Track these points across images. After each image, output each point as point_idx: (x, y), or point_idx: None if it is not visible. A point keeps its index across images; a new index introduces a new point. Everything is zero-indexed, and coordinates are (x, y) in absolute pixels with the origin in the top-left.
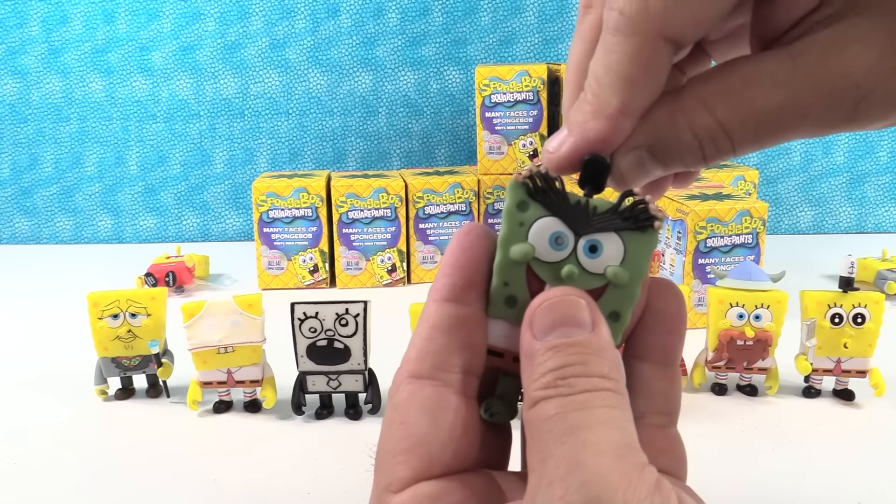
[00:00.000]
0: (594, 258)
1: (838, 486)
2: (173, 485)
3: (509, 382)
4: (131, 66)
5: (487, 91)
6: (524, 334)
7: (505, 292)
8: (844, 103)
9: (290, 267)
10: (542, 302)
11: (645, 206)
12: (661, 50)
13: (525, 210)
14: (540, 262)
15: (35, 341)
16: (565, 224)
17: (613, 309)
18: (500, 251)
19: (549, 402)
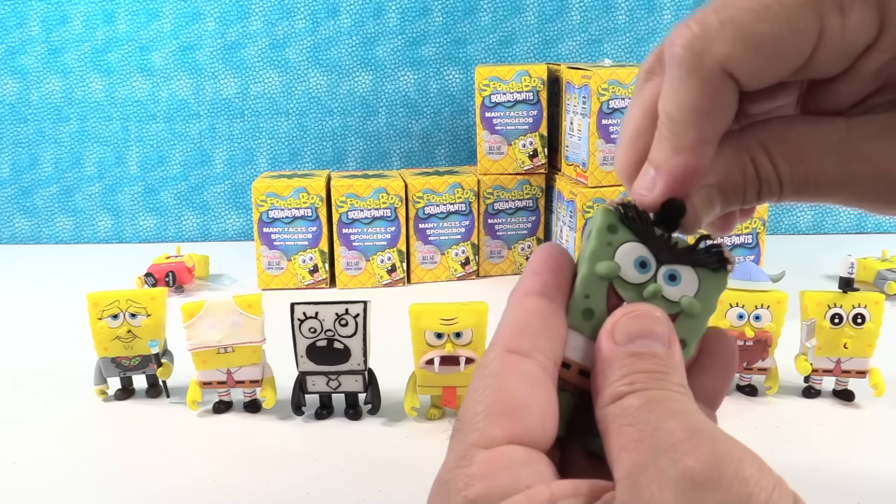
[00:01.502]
0: (673, 286)
1: (838, 486)
2: (173, 485)
3: (567, 398)
4: (131, 66)
5: (487, 91)
6: (603, 342)
7: (584, 304)
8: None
9: (289, 267)
10: (627, 312)
11: (720, 249)
12: (727, 83)
13: (614, 233)
14: (623, 282)
15: (35, 341)
16: (650, 251)
17: (682, 337)
18: (587, 265)
19: (633, 396)
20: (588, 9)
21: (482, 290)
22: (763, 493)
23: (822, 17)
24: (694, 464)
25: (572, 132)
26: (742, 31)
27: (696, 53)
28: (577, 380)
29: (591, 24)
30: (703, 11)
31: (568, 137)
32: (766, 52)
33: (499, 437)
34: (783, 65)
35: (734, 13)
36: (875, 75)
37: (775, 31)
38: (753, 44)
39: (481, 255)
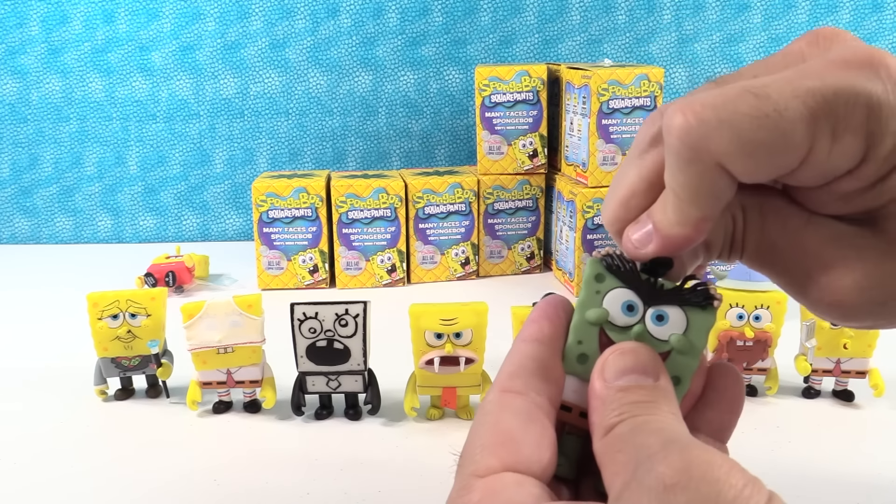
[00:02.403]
0: (661, 326)
1: (838, 486)
2: (173, 485)
3: (573, 440)
4: (131, 66)
5: (487, 91)
6: (595, 382)
7: (578, 349)
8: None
9: (289, 267)
10: (614, 351)
11: (706, 287)
12: (725, 175)
13: (602, 281)
14: (612, 326)
15: (35, 341)
16: (637, 295)
17: (675, 374)
18: (578, 313)
19: (623, 424)
20: (588, 9)
21: (482, 290)
22: (731, 490)
23: (814, 137)
24: (665, 470)
25: (572, 132)
26: (739, 136)
27: (692, 147)
28: (579, 422)
29: (591, 24)
30: (703, 103)
31: (568, 137)
32: (759, 158)
33: (495, 466)
34: (771, 172)
35: (733, 116)
36: (845, 196)
37: (771, 142)
38: (748, 150)
39: (481, 255)
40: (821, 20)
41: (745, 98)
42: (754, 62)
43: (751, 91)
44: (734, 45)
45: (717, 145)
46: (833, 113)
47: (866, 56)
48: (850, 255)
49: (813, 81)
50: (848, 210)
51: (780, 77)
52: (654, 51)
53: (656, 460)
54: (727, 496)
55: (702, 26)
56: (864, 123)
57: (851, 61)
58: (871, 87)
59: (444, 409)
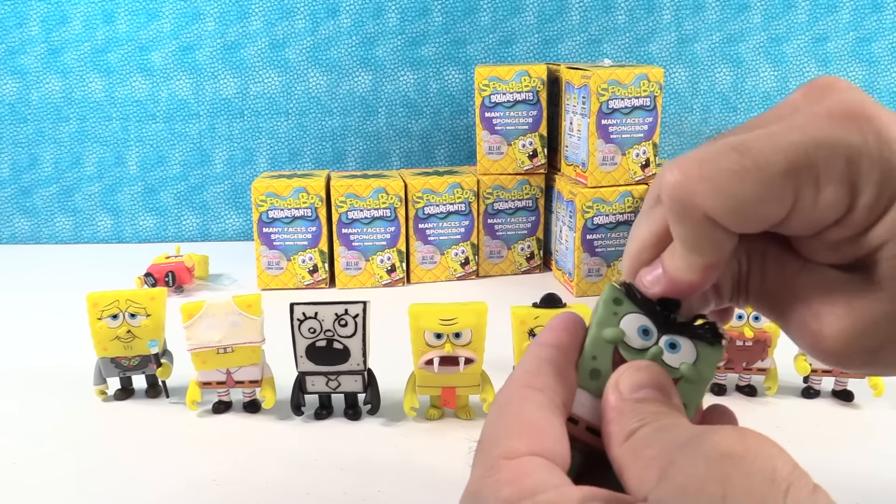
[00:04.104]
0: (673, 353)
1: (838, 487)
2: (173, 485)
3: (575, 456)
4: (131, 66)
5: (487, 91)
6: (610, 395)
7: (592, 365)
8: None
9: (289, 267)
10: (630, 367)
11: (714, 326)
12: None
13: (619, 304)
14: (627, 346)
15: (34, 341)
16: (652, 322)
17: (683, 401)
18: (595, 330)
19: (645, 427)
20: (588, 9)
21: (482, 290)
22: (785, 469)
23: (798, 189)
24: (721, 440)
25: (572, 132)
26: (721, 190)
27: (680, 202)
28: (585, 436)
29: (591, 24)
30: (689, 159)
31: (567, 137)
32: (744, 210)
33: (522, 449)
34: (758, 223)
35: (715, 172)
36: (835, 245)
37: (753, 193)
38: (731, 204)
39: (481, 255)
40: (821, 20)
41: (727, 154)
42: (755, 117)
43: (733, 147)
44: (734, 45)
45: (702, 199)
46: (814, 166)
47: (851, 108)
48: (839, 303)
49: (795, 135)
50: (838, 258)
51: (763, 132)
52: (653, 51)
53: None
54: (782, 472)
55: (702, 26)
56: (845, 174)
57: (835, 114)
58: (851, 139)
59: (444, 409)
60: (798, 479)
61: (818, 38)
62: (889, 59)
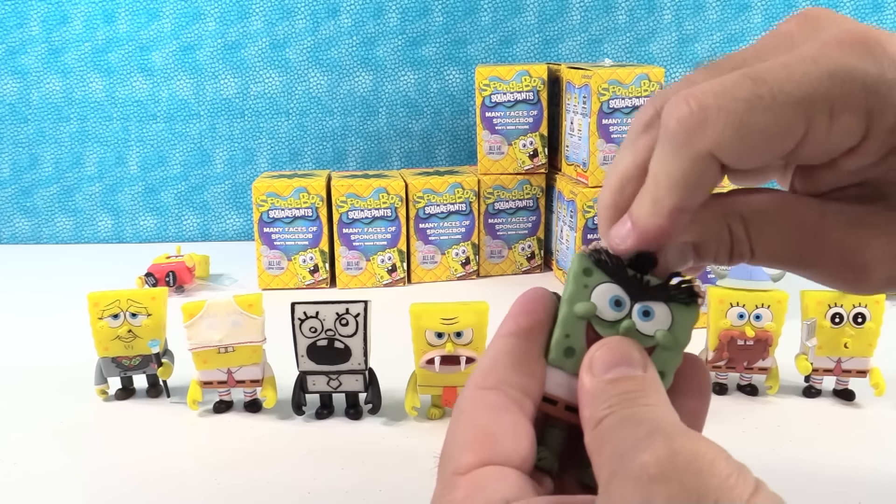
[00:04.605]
0: (647, 321)
1: (839, 486)
2: (174, 484)
3: (555, 434)
4: (131, 66)
5: (487, 91)
6: (584, 376)
7: (565, 343)
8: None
9: (290, 267)
10: (600, 346)
11: (690, 285)
12: (713, 164)
13: (589, 275)
14: (600, 320)
15: (35, 341)
16: (624, 290)
17: (660, 369)
18: (566, 307)
19: (611, 417)
20: (588, 9)
21: (482, 289)
22: (715, 479)
23: (811, 117)
24: (648, 459)
25: (572, 132)
26: (734, 120)
27: (689, 132)
28: (565, 415)
29: (592, 23)
30: (704, 91)
31: (568, 137)
32: (753, 142)
33: (472, 462)
34: (767, 154)
35: (730, 103)
36: (854, 174)
37: (765, 124)
38: (742, 133)
39: (482, 254)
40: None
41: (742, 84)
42: (745, 47)
43: (748, 76)
44: (734, 45)
45: (712, 132)
46: (829, 95)
47: (860, 35)
48: (874, 233)
49: (808, 65)
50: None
51: (776, 62)
52: (654, 51)
53: (640, 449)
54: (710, 485)
55: (702, 26)
56: (862, 102)
57: (845, 42)
58: (867, 67)
59: (445, 408)
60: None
61: None
62: None
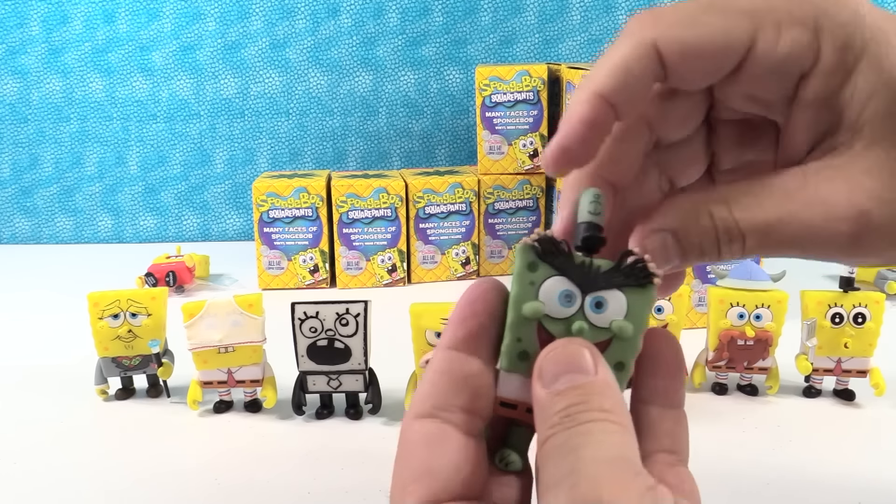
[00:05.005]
0: (600, 313)
1: (839, 486)
2: (174, 485)
3: (520, 433)
4: (131, 66)
5: (488, 91)
6: (534, 385)
7: (518, 348)
8: (850, 225)
9: (290, 267)
10: (548, 352)
11: (643, 264)
12: (652, 55)
13: (535, 270)
14: (550, 319)
15: (35, 341)
16: (573, 282)
17: (619, 360)
18: (513, 310)
19: (555, 437)
20: (588, 9)
21: None
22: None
23: (757, 27)
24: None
25: None
26: (684, 17)
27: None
28: (527, 416)
29: (592, 23)
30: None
31: None
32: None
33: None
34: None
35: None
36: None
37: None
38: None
39: (482, 254)
40: None
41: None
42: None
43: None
44: None
45: (662, 23)
46: (777, 8)
47: None
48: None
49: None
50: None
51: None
52: None
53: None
54: None
55: None
56: (811, 18)
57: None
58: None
59: None
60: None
61: None
62: None
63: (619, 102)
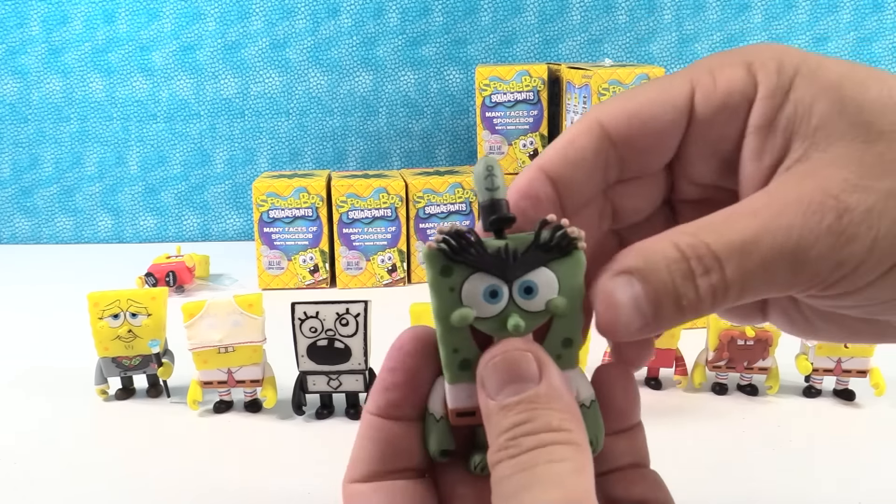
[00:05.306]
0: (532, 298)
1: (839, 486)
2: (173, 485)
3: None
4: (131, 66)
5: (488, 91)
6: (479, 395)
7: (457, 358)
8: (827, 214)
9: (290, 267)
10: (488, 361)
11: (563, 231)
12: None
13: (450, 275)
14: (482, 320)
15: (35, 341)
16: (494, 275)
17: (566, 336)
18: (440, 325)
19: (502, 465)
20: (588, 9)
21: None
22: None
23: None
24: None
25: None
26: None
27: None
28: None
29: (592, 23)
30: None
31: None
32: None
33: None
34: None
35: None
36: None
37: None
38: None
39: None
40: (821, 20)
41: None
42: None
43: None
44: (734, 45)
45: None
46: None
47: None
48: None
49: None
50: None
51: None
52: (654, 51)
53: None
54: None
55: (702, 26)
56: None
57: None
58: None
59: None
60: None
61: (819, 37)
62: (889, 59)
63: (559, 176)
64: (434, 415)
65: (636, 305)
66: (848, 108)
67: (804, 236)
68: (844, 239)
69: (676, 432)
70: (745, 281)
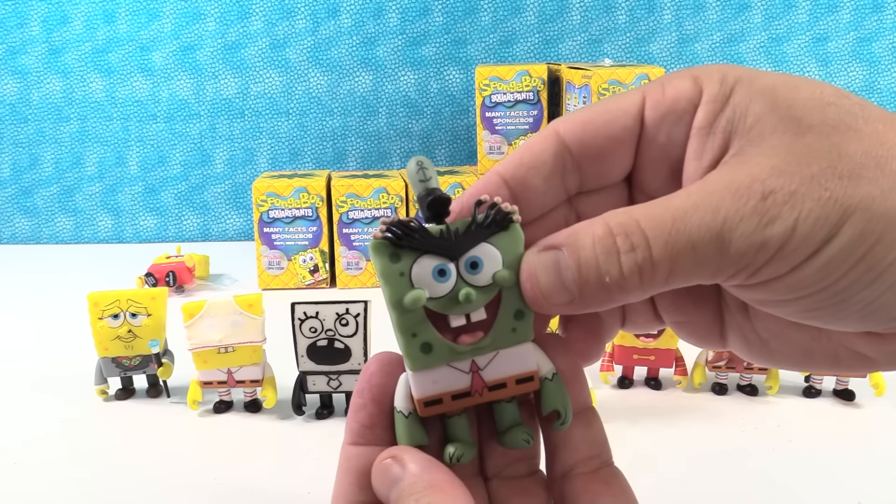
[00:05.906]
0: (478, 273)
1: (838, 486)
2: (173, 485)
3: (456, 422)
4: (131, 66)
5: (488, 91)
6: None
7: (417, 342)
8: (753, 196)
9: (290, 267)
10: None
11: (497, 207)
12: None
13: (398, 260)
14: (434, 300)
15: (35, 341)
16: (440, 255)
17: (517, 308)
18: (394, 311)
19: None
20: (588, 9)
21: None
22: None
23: (643, 91)
24: None
25: None
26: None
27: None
28: (455, 405)
29: (592, 23)
30: None
31: None
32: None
33: None
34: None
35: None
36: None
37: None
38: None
39: None
40: (821, 20)
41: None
42: None
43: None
44: (734, 45)
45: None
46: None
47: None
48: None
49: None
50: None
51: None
52: (654, 51)
53: None
54: None
55: (702, 26)
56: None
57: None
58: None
59: None
60: None
61: (819, 38)
62: (889, 59)
63: (515, 179)
64: (402, 412)
65: (560, 280)
66: (780, 106)
67: (730, 216)
68: (767, 219)
69: (676, 432)
70: (672, 260)
